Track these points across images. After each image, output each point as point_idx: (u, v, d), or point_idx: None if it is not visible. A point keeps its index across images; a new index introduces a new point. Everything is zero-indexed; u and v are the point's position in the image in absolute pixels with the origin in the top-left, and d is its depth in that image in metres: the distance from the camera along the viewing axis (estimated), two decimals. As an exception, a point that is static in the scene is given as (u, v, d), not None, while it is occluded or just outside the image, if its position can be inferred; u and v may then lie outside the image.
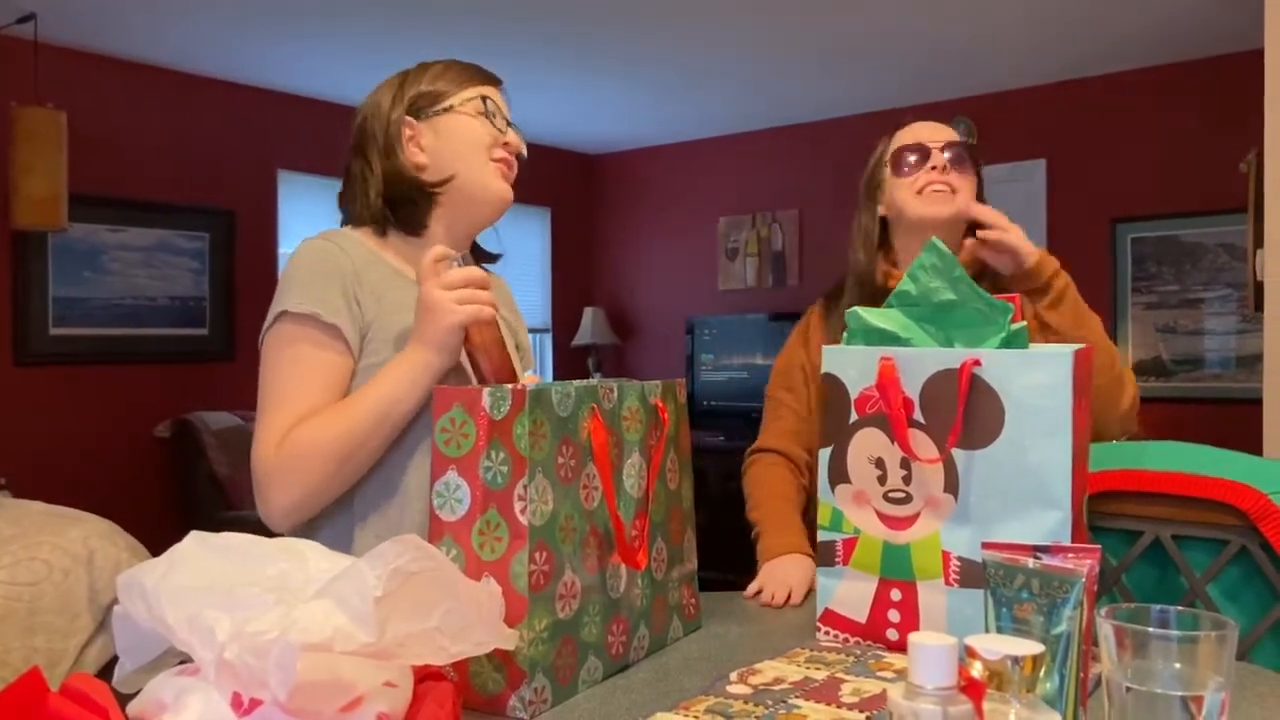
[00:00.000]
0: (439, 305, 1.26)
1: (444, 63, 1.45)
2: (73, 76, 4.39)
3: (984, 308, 1.17)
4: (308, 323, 1.30)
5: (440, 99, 1.41)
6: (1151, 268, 4.78)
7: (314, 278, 1.31)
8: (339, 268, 1.33)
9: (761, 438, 1.69)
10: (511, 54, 4.49)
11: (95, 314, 4.46)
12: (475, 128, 1.41)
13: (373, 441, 1.27)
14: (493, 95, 1.44)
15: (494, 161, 1.41)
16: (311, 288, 1.30)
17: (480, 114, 1.41)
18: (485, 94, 1.42)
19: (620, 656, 1.10)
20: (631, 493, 1.13)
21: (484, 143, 1.40)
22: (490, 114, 1.41)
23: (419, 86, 1.42)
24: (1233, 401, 4.51)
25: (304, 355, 1.30)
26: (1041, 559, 0.80)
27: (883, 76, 4.93)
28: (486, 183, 1.41)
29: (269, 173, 5.06)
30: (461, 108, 1.41)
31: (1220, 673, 0.71)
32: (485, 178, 1.41)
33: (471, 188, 1.41)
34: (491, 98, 1.43)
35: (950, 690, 0.66)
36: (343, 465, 1.26)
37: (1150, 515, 1.40)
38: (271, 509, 1.28)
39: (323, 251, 1.34)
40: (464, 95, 1.42)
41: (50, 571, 1.74)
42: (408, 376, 1.27)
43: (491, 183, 1.41)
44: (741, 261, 6.15)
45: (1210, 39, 4.39)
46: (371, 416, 1.26)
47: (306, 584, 0.80)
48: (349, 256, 1.34)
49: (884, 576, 1.19)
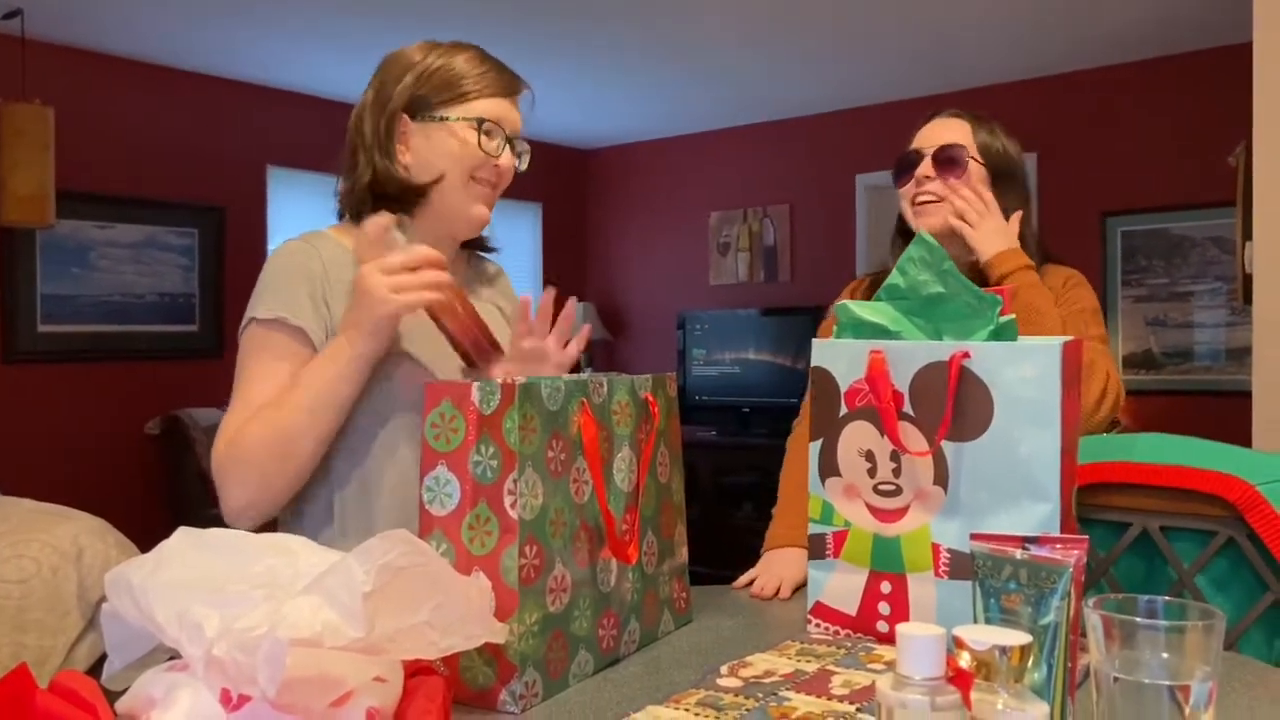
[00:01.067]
0: (373, 293, 1.22)
1: (467, 55, 1.38)
2: (60, 72, 4.36)
3: (973, 300, 1.17)
4: (275, 327, 1.30)
5: (440, 106, 1.36)
6: (1141, 261, 4.80)
7: (283, 281, 1.31)
8: (308, 271, 1.32)
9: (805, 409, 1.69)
10: (504, 48, 4.46)
11: (84, 311, 4.44)
12: (464, 147, 1.36)
13: (308, 437, 1.26)
14: (499, 114, 1.37)
15: (476, 182, 1.37)
16: (280, 292, 1.31)
17: (474, 132, 1.36)
18: (490, 113, 1.36)
19: (611, 650, 1.10)
20: (622, 487, 1.13)
21: (469, 163, 1.36)
22: (487, 133, 1.36)
23: (429, 83, 1.36)
24: (1222, 394, 4.53)
25: (268, 358, 1.30)
26: (1029, 550, 0.80)
27: (874, 71, 4.94)
28: (462, 204, 1.38)
29: (259, 169, 5.05)
30: (456, 124, 1.36)
31: (1207, 662, 0.71)
32: (462, 199, 1.38)
33: (445, 205, 1.38)
34: (494, 119, 1.37)
35: (938, 681, 0.66)
36: (283, 462, 1.26)
37: (1138, 507, 1.41)
38: (227, 508, 1.28)
39: (294, 254, 1.33)
40: (465, 110, 1.36)
41: (39, 569, 1.74)
42: (334, 369, 1.25)
43: (467, 206, 1.38)
44: (733, 256, 6.15)
45: (1199, 33, 4.41)
46: (302, 412, 1.25)
47: (295, 579, 0.79)
48: (320, 258, 1.33)
49: (874, 569, 1.19)
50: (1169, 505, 1.38)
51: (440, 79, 1.36)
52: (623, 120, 6.02)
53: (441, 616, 0.81)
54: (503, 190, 1.42)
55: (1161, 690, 0.71)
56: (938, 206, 1.57)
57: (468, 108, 1.36)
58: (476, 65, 1.38)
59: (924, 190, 1.57)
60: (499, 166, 1.37)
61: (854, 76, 5.03)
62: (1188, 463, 1.36)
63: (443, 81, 1.36)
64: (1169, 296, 4.73)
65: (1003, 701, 0.69)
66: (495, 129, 1.36)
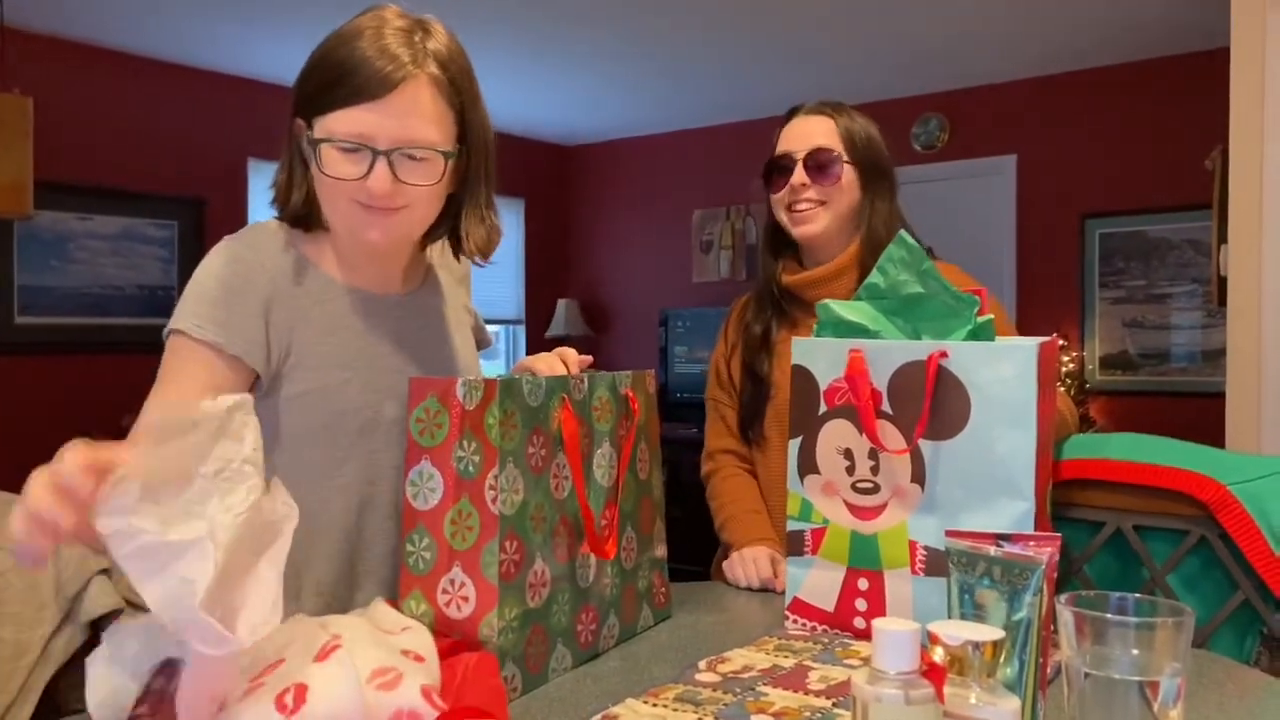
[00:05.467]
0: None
1: (360, 40, 1.11)
2: (40, 62, 4.32)
3: (951, 301, 1.18)
4: (205, 348, 1.11)
5: (311, 117, 1.13)
6: (1119, 263, 4.84)
7: (224, 296, 1.12)
8: (254, 287, 1.13)
9: (710, 440, 1.70)
10: (485, 44, 4.47)
11: (62, 303, 4.41)
12: (333, 167, 1.11)
13: None
14: (360, 127, 1.09)
15: (358, 205, 1.12)
16: (218, 307, 1.12)
17: (334, 152, 1.10)
18: (345, 128, 1.09)
19: (590, 645, 1.11)
20: (602, 483, 1.14)
21: (342, 186, 1.11)
22: (346, 151, 1.10)
23: (311, 83, 1.13)
24: (1197, 395, 4.57)
25: (187, 380, 1.11)
26: (1003, 547, 0.81)
27: (857, 71, 4.96)
28: (350, 229, 1.15)
29: (239, 161, 5.01)
30: (321, 144, 1.11)
31: (1177, 659, 0.73)
32: (348, 224, 1.15)
33: (338, 231, 1.18)
34: (353, 135, 1.09)
35: (912, 675, 0.67)
36: None
37: (1112, 505, 1.42)
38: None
39: (238, 264, 1.14)
40: (323, 127, 1.10)
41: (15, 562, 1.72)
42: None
43: (358, 233, 1.15)
44: (715, 254, 6.16)
45: (1178, 37, 4.45)
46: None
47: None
48: (268, 271, 1.15)
49: (852, 566, 1.20)
50: (1141, 504, 1.40)
51: (315, 80, 1.12)
52: (606, 117, 6.01)
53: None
54: (423, 215, 1.18)
55: (1131, 686, 0.72)
56: (816, 213, 1.55)
57: (325, 125, 1.10)
58: (353, 58, 1.09)
59: (801, 199, 1.56)
60: (370, 189, 1.10)
61: (836, 76, 5.04)
62: (1161, 461, 1.38)
63: (317, 83, 1.12)
64: (1146, 298, 4.77)
65: (975, 696, 0.70)
66: (354, 145, 1.09)
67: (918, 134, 5.34)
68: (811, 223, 1.56)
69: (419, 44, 1.12)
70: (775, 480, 1.53)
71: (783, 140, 1.61)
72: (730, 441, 1.66)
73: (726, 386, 1.68)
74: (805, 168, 1.55)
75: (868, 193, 1.58)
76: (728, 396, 1.68)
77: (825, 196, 1.55)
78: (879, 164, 1.59)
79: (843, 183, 1.55)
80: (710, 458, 1.69)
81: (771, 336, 1.61)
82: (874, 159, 1.58)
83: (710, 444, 1.69)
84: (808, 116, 1.60)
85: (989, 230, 5.12)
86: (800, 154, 1.56)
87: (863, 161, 1.57)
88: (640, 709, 0.95)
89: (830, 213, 1.56)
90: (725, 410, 1.68)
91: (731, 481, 1.64)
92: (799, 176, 1.55)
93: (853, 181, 1.57)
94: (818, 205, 1.55)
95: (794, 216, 1.57)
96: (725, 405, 1.68)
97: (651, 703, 0.96)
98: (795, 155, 1.56)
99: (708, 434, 1.71)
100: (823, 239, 1.58)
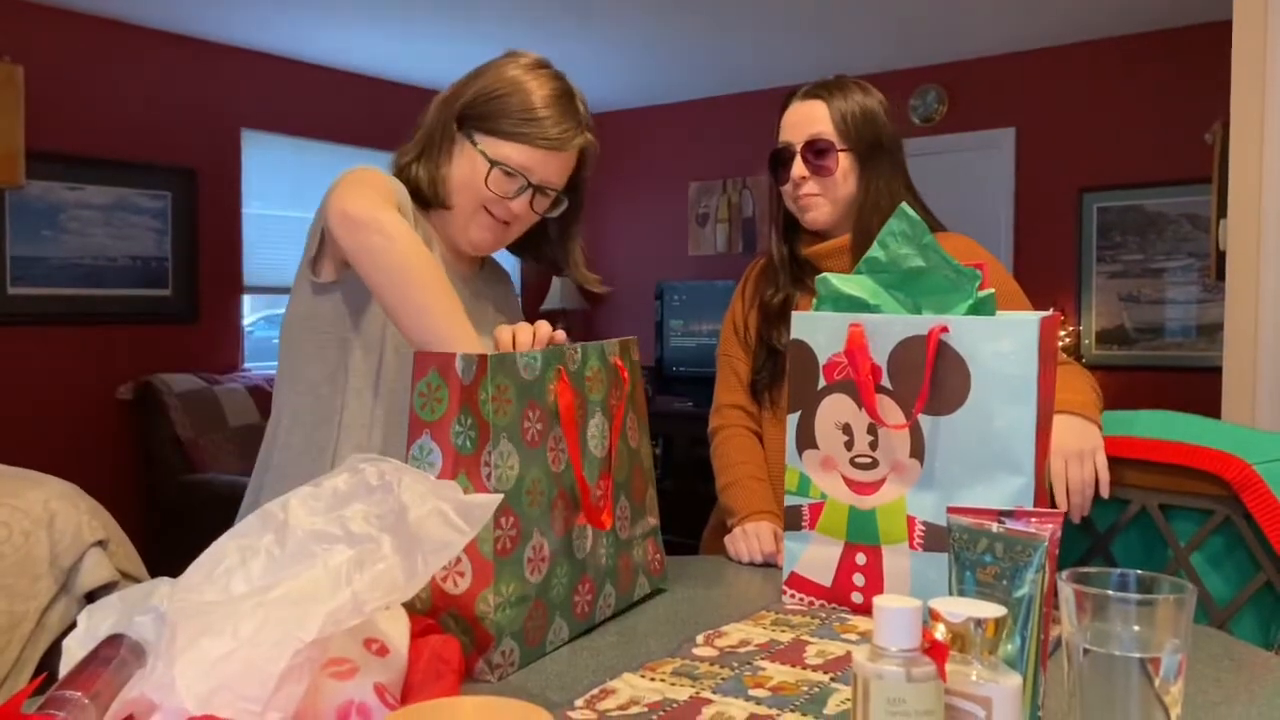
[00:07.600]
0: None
1: (544, 93, 1.37)
2: (30, 30, 4.27)
3: (952, 275, 1.17)
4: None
5: (479, 130, 1.37)
6: (1116, 237, 4.82)
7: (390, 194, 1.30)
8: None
9: (720, 394, 1.70)
10: (480, 15, 4.42)
11: (54, 273, 4.38)
12: (475, 178, 1.37)
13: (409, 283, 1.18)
14: (527, 162, 1.36)
15: (488, 213, 1.39)
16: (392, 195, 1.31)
17: (494, 168, 1.36)
18: (515, 159, 1.35)
19: (586, 616, 1.11)
20: (595, 453, 1.13)
21: (479, 194, 1.38)
22: (507, 174, 1.36)
23: (486, 104, 1.37)
24: (1193, 370, 4.57)
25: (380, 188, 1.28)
26: (1005, 523, 0.81)
27: (854, 43, 4.91)
28: (464, 228, 1.41)
29: (232, 131, 4.97)
30: (479, 155, 1.37)
31: (1177, 635, 0.72)
32: (465, 223, 1.40)
33: (454, 222, 1.41)
34: (518, 166, 1.36)
35: (914, 652, 0.67)
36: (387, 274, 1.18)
37: (1138, 484, 1.41)
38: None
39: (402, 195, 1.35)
40: (493, 147, 1.36)
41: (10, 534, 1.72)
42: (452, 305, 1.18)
43: (469, 232, 1.41)
44: (712, 227, 6.14)
45: (1179, 10, 4.41)
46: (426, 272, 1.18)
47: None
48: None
49: (849, 541, 1.20)
50: (1167, 482, 1.38)
51: (497, 105, 1.36)
52: (602, 89, 5.96)
53: (404, 556, 0.79)
54: (519, 232, 1.44)
55: (1132, 662, 0.72)
56: (818, 201, 1.58)
57: (496, 145, 1.36)
58: (540, 107, 1.36)
59: (803, 193, 1.58)
60: (510, 208, 1.38)
61: (834, 48, 5.00)
62: (1187, 440, 1.37)
63: (498, 108, 1.36)
64: (1142, 272, 4.76)
65: (976, 673, 0.69)
66: (516, 174, 1.36)
67: (915, 106, 5.31)
68: (815, 210, 1.59)
69: (584, 113, 1.43)
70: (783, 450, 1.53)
71: (782, 129, 1.62)
72: (740, 396, 1.66)
73: (743, 341, 1.68)
74: (804, 159, 1.57)
75: (865, 175, 1.58)
76: (743, 351, 1.67)
77: (823, 189, 1.58)
78: (877, 141, 1.58)
79: (837, 175, 1.57)
80: (719, 412, 1.68)
81: (792, 304, 1.60)
82: (871, 137, 1.57)
83: (720, 398, 1.69)
84: (802, 102, 1.61)
85: (987, 203, 5.10)
86: (798, 145, 1.58)
87: (857, 145, 1.57)
88: (638, 683, 0.95)
89: (830, 201, 1.58)
90: (738, 365, 1.67)
91: (736, 442, 1.63)
92: (798, 169, 1.57)
93: (849, 169, 1.57)
94: (819, 195, 1.58)
95: (799, 206, 1.61)
96: (739, 360, 1.67)
97: (649, 676, 0.96)
98: (793, 146, 1.58)
99: (718, 389, 1.70)
100: (830, 223, 1.60)
